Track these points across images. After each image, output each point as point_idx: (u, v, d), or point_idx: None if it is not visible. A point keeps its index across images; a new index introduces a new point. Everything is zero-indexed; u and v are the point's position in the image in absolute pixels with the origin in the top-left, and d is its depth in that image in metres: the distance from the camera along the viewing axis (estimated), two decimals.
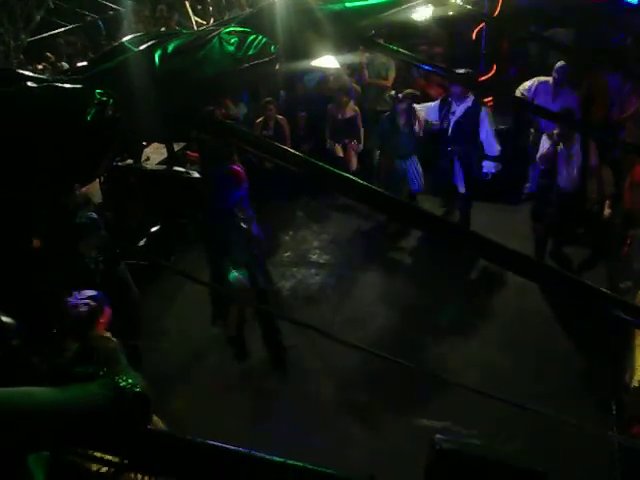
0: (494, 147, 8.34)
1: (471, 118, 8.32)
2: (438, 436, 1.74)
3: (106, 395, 1.32)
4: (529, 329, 7.11)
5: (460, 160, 8.47)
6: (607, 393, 6.00)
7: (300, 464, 1.50)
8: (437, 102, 8.93)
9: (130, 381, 1.37)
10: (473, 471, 1.65)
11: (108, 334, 4.68)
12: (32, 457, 1.24)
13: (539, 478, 1.64)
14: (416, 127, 8.81)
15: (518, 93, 9.01)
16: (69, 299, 4.66)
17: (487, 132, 8.31)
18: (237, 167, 6.86)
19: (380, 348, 6.43)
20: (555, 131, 7.56)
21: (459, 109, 8.43)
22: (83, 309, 4.59)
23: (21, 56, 9.94)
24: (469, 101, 8.35)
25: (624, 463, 4.78)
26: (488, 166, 8.41)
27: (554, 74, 8.83)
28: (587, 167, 7.59)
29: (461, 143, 8.41)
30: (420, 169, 9.00)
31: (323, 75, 10.59)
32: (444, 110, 8.57)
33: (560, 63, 8.81)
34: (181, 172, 7.16)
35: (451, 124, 8.47)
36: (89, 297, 4.66)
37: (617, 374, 5.84)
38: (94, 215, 5.64)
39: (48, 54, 11.04)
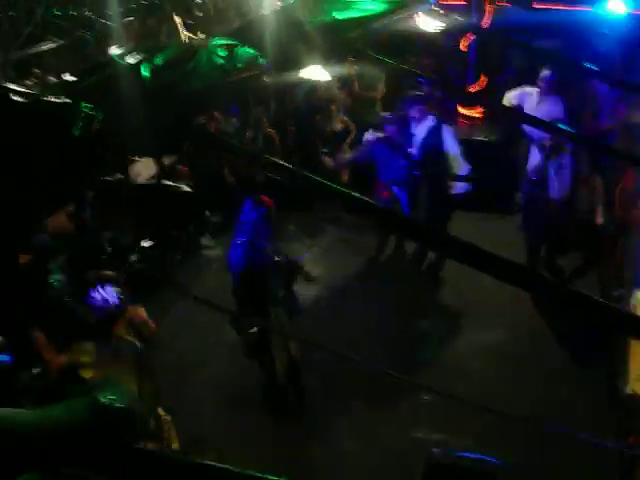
0: (463, 166, 8.04)
1: (435, 138, 7.95)
2: (435, 450, 1.72)
3: (86, 412, 1.29)
4: (524, 339, 7.09)
5: (429, 184, 8.07)
6: (604, 402, 5.99)
7: None
8: (375, 138, 8.31)
9: (112, 397, 1.34)
10: None
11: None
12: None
13: None
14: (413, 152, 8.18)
15: (505, 102, 9.01)
16: (93, 295, 4.55)
17: (454, 151, 7.99)
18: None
19: (374, 360, 6.42)
20: (547, 143, 7.57)
21: (420, 130, 8.06)
22: (109, 305, 4.54)
23: (11, 72, 9.92)
24: (430, 121, 8.00)
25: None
26: (460, 186, 8.08)
27: (540, 83, 8.84)
28: (578, 177, 7.61)
29: (428, 165, 8.01)
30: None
31: (313, 86, 10.60)
32: (396, 141, 8.11)
33: (545, 72, 8.84)
34: (170, 185, 7.12)
35: (414, 147, 8.08)
36: (115, 292, 4.62)
37: (613, 382, 5.82)
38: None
39: (36, 70, 11.00)
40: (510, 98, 8.92)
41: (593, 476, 5.25)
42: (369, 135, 8.43)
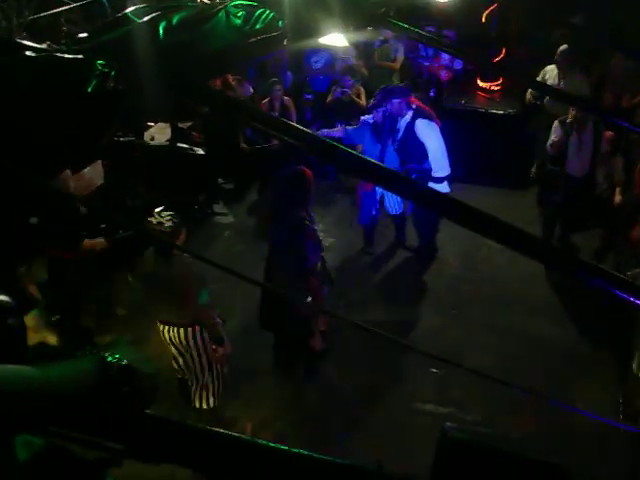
0: (443, 167, 7.44)
1: (412, 136, 7.36)
2: (447, 424, 1.68)
3: (91, 370, 1.25)
4: (535, 316, 7.06)
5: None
6: (615, 382, 5.97)
7: (304, 452, 1.44)
8: (364, 121, 7.77)
9: (117, 356, 1.31)
10: (485, 462, 1.59)
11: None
12: (19, 441, 1.18)
13: (554, 470, 1.57)
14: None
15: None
16: (150, 219, 4.88)
17: (433, 149, 7.36)
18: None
19: (385, 331, 6.39)
20: (569, 119, 7.45)
21: (401, 125, 7.46)
22: (168, 224, 4.85)
23: (24, 34, 9.83)
24: (408, 116, 7.39)
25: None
26: (440, 188, 7.28)
27: (557, 59, 8.73)
28: (598, 155, 7.52)
29: (411, 164, 7.48)
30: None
31: (330, 56, 10.49)
32: (381, 129, 7.58)
33: (563, 47, 8.71)
34: (185, 148, 7.04)
35: (395, 144, 7.55)
36: (170, 215, 4.92)
37: (625, 362, 5.78)
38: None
39: (57, 29, 10.89)
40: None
41: (600, 453, 5.23)
42: (364, 117, 7.94)
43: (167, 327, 5.18)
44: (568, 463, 1.62)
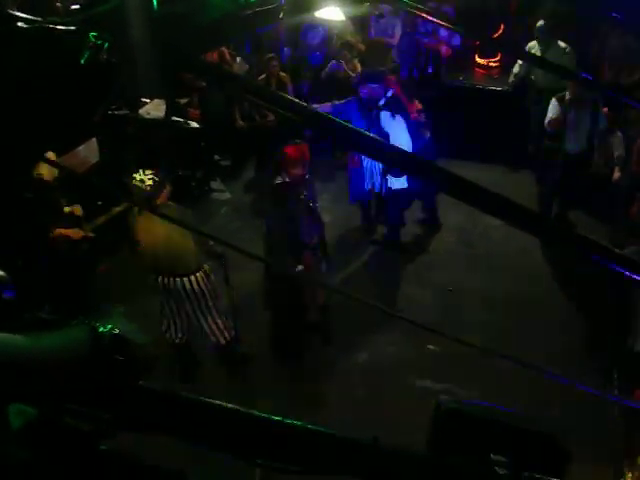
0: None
1: (379, 124, 7.26)
2: (442, 397, 1.68)
3: (84, 341, 1.25)
4: (531, 291, 7.07)
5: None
6: (609, 356, 5.99)
7: (300, 423, 1.44)
8: (352, 97, 7.48)
9: (109, 326, 1.30)
10: (479, 433, 1.59)
11: (170, 203, 5.41)
12: (12, 410, 1.17)
13: (548, 440, 1.58)
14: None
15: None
16: (134, 176, 5.19)
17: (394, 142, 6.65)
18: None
19: (379, 308, 6.41)
20: (567, 96, 7.42)
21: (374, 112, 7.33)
22: (149, 182, 5.16)
23: (15, 8, 9.71)
24: (381, 103, 7.26)
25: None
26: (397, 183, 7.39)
27: (536, 34, 8.73)
28: (596, 132, 7.48)
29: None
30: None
31: (326, 32, 10.41)
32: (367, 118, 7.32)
33: (540, 22, 8.71)
34: (180, 122, 6.98)
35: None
36: (152, 173, 5.20)
37: (620, 338, 5.80)
38: None
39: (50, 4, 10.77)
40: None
41: (594, 427, 5.27)
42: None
43: (173, 279, 5.41)
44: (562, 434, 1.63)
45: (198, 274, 5.52)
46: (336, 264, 7.18)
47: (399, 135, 7.22)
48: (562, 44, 8.72)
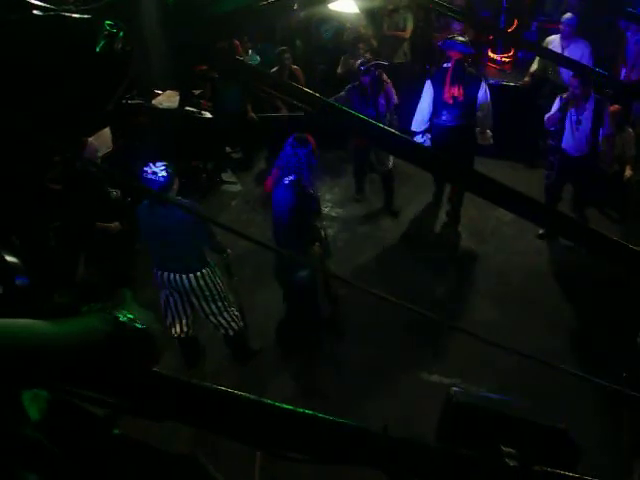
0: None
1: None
2: (454, 389, 1.68)
3: (104, 330, 1.25)
4: (544, 287, 7.06)
5: None
6: (619, 354, 5.96)
7: (310, 412, 1.44)
8: (350, 87, 8.19)
9: (131, 316, 1.30)
10: (490, 425, 1.59)
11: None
12: (27, 395, 1.18)
13: (559, 434, 1.58)
14: (382, 101, 8.12)
15: None
16: (146, 169, 5.15)
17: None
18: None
19: (388, 301, 6.40)
20: (565, 94, 7.31)
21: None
22: (163, 175, 5.13)
23: None
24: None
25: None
26: None
27: (562, 27, 8.60)
28: (596, 135, 7.24)
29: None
30: None
31: (340, 26, 10.38)
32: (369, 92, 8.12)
33: (568, 15, 8.57)
34: (193, 112, 6.98)
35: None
36: (164, 164, 5.17)
37: (632, 335, 5.78)
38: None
39: None
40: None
41: (603, 422, 5.26)
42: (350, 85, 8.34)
43: (179, 275, 5.41)
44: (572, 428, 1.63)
45: (204, 270, 5.53)
46: (346, 258, 7.21)
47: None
48: (582, 45, 8.62)
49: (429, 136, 7.92)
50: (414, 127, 8.03)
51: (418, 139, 7.83)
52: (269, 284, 6.48)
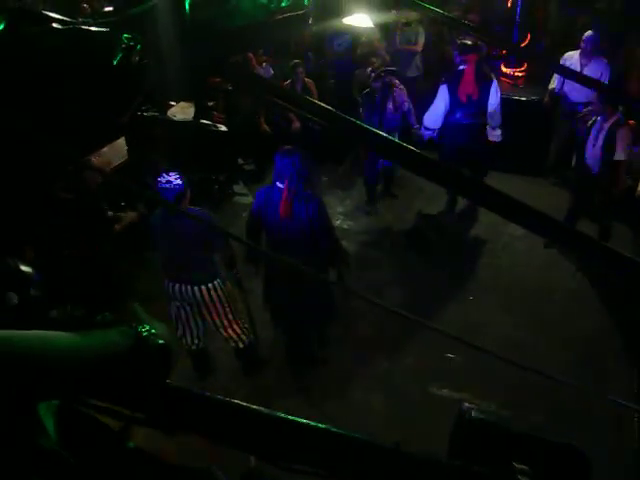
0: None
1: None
2: (466, 404, 1.67)
3: (126, 344, 1.25)
4: (555, 303, 7.03)
5: None
6: (631, 370, 5.93)
7: (323, 425, 1.44)
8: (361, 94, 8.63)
9: (153, 331, 1.30)
10: (502, 442, 1.58)
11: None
12: (43, 406, 1.18)
13: (571, 451, 1.57)
14: (389, 106, 8.34)
15: None
16: (159, 179, 5.20)
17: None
18: None
19: (400, 315, 6.38)
20: (580, 115, 7.34)
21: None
22: (178, 183, 5.18)
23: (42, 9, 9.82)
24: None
25: None
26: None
27: (582, 44, 8.60)
28: (609, 156, 7.14)
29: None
30: None
31: (353, 40, 10.43)
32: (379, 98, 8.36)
33: (589, 33, 8.57)
34: (208, 125, 7.02)
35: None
36: (177, 174, 5.23)
37: None
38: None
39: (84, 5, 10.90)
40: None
41: (615, 439, 5.21)
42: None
43: (191, 287, 5.39)
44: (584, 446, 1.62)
45: (216, 282, 5.55)
46: (357, 271, 7.21)
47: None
48: (602, 63, 8.61)
49: (436, 132, 8.39)
50: (426, 122, 8.41)
51: (427, 133, 8.37)
52: None
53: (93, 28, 2.12)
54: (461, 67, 8.16)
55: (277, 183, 5.54)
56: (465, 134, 8.19)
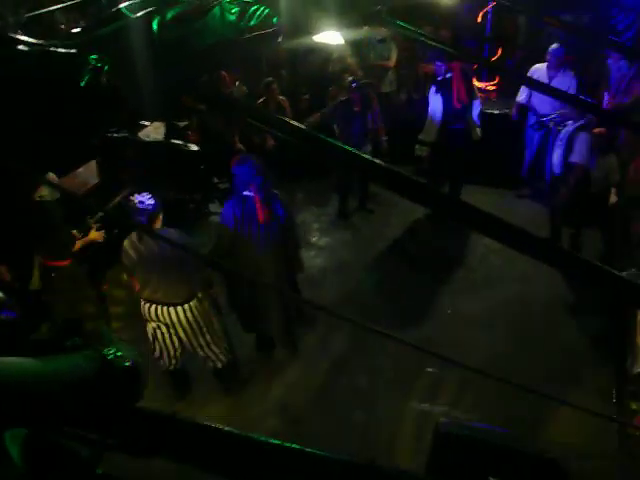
0: None
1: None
2: (443, 420, 1.67)
3: (92, 368, 1.23)
4: (531, 315, 7.06)
5: None
6: (608, 381, 5.96)
7: (297, 446, 1.42)
8: (339, 102, 8.77)
9: (119, 354, 1.29)
10: (479, 456, 1.58)
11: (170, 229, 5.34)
12: (8, 435, 1.16)
13: (548, 464, 1.57)
14: (369, 117, 8.67)
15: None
16: (131, 198, 5.19)
17: None
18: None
19: (379, 330, 6.38)
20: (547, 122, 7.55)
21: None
22: (151, 202, 5.16)
23: (19, 32, 9.76)
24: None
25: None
26: None
27: (549, 57, 8.71)
28: (565, 160, 7.39)
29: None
30: None
31: (326, 56, 10.48)
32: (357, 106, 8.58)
33: (555, 46, 8.69)
34: (179, 144, 7.00)
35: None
36: (150, 196, 5.20)
37: (619, 362, 5.78)
38: None
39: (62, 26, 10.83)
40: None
41: (594, 449, 5.23)
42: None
43: (167, 308, 5.32)
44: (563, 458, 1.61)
45: (192, 303, 5.51)
46: (335, 288, 7.22)
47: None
48: (569, 75, 8.73)
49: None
50: (423, 137, 8.74)
51: (419, 150, 8.78)
52: None
53: (60, 50, 2.11)
54: (448, 75, 8.44)
55: (244, 193, 5.58)
56: (460, 139, 8.59)
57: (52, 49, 2.13)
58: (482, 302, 7.32)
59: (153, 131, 8.48)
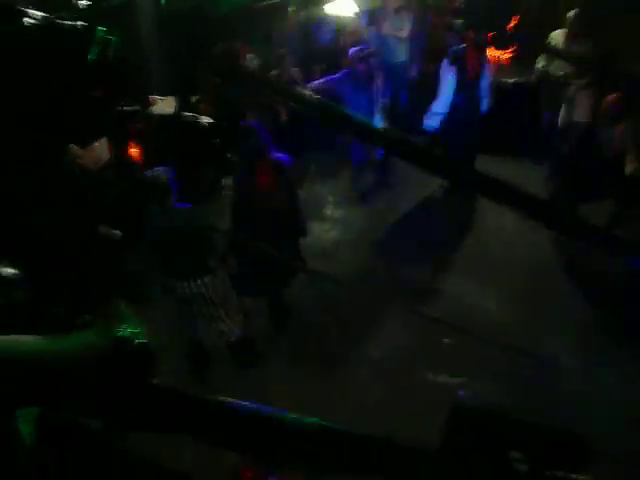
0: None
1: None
2: (460, 393, 1.64)
3: (104, 345, 1.22)
4: (546, 287, 7.01)
5: None
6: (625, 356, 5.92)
7: (313, 420, 1.41)
8: (345, 72, 8.48)
9: (131, 330, 1.27)
10: (499, 430, 1.55)
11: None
12: (20, 413, 1.15)
13: (570, 437, 1.54)
14: (375, 88, 8.49)
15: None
16: (146, 174, 5.28)
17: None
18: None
19: (394, 302, 6.38)
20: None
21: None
22: (163, 177, 5.20)
23: (30, 4, 9.72)
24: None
25: None
26: None
27: (568, 23, 8.58)
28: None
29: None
30: None
31: (337, 30, 10.34)
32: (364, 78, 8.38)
33: (574, 11, 8.55)
34: (190, 117, 6.96)
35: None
36: (164, 170, 5.26)
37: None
38: None
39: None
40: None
41: (616, 423, 5.20)
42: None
43: (185, 281, 5.36)
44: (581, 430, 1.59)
45: (206, 277, 5.54)
46: (349, 259, 7.20)
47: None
48: (588, 41, 8.55)
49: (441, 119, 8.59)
50: (436, 108, 8.59)
51: (433, 122, 8.60)
52: None
53: (67, 22, 2.07)
54: (461, 46, 8.41)
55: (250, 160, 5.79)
56: (475, 110, 8.60)
57: (59, 22, 2.09)
58: (497, 277, 7.27)
59: (166, 105, 8.42)
